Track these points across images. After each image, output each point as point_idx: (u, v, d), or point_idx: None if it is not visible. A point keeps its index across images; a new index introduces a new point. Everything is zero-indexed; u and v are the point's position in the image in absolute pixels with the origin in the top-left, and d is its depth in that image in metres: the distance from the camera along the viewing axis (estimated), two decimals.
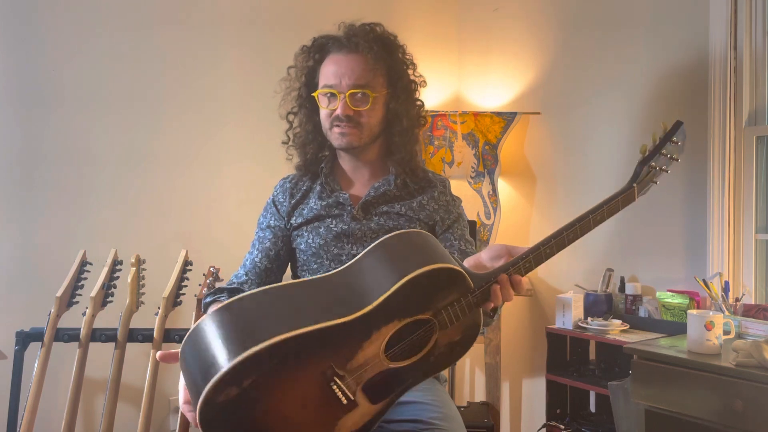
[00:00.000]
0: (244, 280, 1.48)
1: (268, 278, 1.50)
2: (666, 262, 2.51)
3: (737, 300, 2.19)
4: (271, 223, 1.54)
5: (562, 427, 2.51)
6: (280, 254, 1.52)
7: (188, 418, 1.05)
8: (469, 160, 2.95)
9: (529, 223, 3.03)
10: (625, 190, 1.27)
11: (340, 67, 1.44)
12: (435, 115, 2.96)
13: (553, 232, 1.21)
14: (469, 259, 1.29)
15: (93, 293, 2.09)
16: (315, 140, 1.54)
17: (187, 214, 2.62)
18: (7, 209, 2.30)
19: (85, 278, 2.15)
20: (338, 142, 1.47)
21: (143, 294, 2.19)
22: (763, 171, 2.32)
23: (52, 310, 2.07)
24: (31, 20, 2.34)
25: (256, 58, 2.75)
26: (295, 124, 1.58)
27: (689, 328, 1.92)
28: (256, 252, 1.52)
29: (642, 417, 1.96)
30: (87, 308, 2.10)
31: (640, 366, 1.96)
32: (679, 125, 1.32)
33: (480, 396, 3.05)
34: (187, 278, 2.23)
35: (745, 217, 2.30)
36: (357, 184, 1.55)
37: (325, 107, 1.47)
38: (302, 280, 1.25)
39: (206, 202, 2.66)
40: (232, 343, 1.00)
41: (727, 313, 2.13)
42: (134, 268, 2.17)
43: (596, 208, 1.24)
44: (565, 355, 2.58)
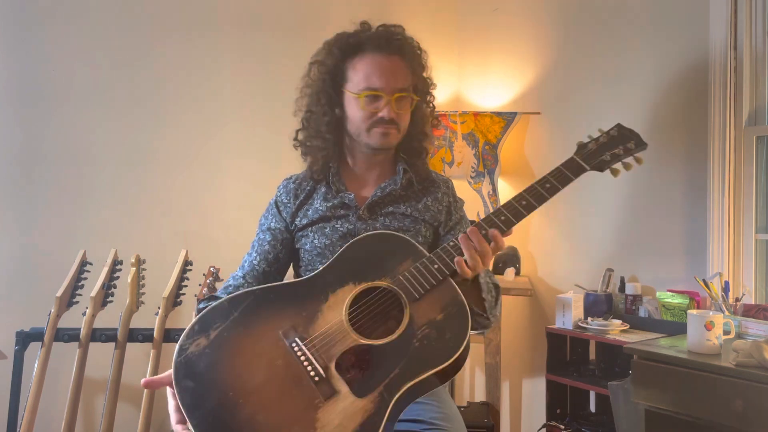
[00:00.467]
0: (242, 283, 1.47)
1: (266, 281, 1.49)
2: (666, 262, 2.50)
3: (737, 300, 2.19)
4: (272, 226, 1.53)
5: (562, 427, 2.50)
6: (279, 257, 1.52)
7: None
8: (469, 160, 2.95)
9: (529, 223, 3.03)
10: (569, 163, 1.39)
11: (385, 70, 1.43)
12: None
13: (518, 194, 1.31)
14: None
15: (93, 293, 2.10)
16: (329, 136, 1.50)
17: (187, 214, 2.62)
18: (7, 209, 2.31)
19: (85, 278, 2.15)
20: (379, 141, 1.46)
21: (143, 294, 2.19)
22: (763, 171, 2.32)
23: (52, 310, 2.07)
24: (32, 21, 2.34)
25: (256, 59, 2.75)
26: (315, 112, 1.51)
27: (689, 328, 1.92)
28: (255, 254, 1.51)
29: (642, 417, 1.95)
30: (87, 308, 2.10)
31: (640, 366, 1.96)
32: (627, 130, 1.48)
33: (480, 396, 3.05)
34: (187, 278, 2.24)
35: (745, 217, 2.30)
36: (364, 184, 1.54)
37: (365, 108, 1.44)
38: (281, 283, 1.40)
39: (206, 201, 2.66)
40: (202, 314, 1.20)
41: (727, 313, 2.13)
42: (134, 268, 2.17)
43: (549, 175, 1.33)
44: (565, 355, 2.58)
